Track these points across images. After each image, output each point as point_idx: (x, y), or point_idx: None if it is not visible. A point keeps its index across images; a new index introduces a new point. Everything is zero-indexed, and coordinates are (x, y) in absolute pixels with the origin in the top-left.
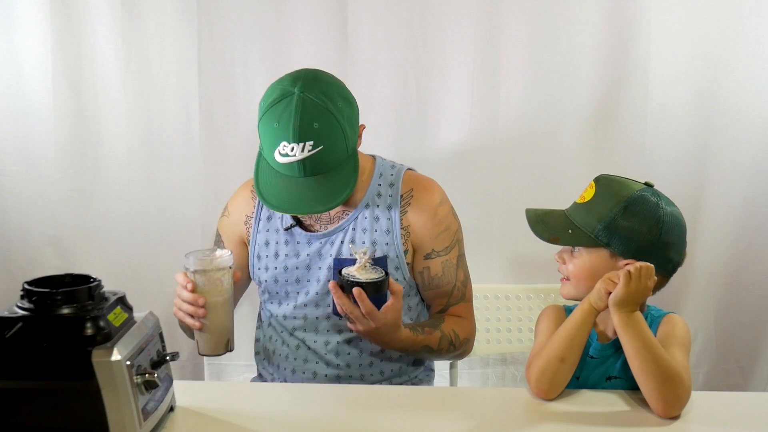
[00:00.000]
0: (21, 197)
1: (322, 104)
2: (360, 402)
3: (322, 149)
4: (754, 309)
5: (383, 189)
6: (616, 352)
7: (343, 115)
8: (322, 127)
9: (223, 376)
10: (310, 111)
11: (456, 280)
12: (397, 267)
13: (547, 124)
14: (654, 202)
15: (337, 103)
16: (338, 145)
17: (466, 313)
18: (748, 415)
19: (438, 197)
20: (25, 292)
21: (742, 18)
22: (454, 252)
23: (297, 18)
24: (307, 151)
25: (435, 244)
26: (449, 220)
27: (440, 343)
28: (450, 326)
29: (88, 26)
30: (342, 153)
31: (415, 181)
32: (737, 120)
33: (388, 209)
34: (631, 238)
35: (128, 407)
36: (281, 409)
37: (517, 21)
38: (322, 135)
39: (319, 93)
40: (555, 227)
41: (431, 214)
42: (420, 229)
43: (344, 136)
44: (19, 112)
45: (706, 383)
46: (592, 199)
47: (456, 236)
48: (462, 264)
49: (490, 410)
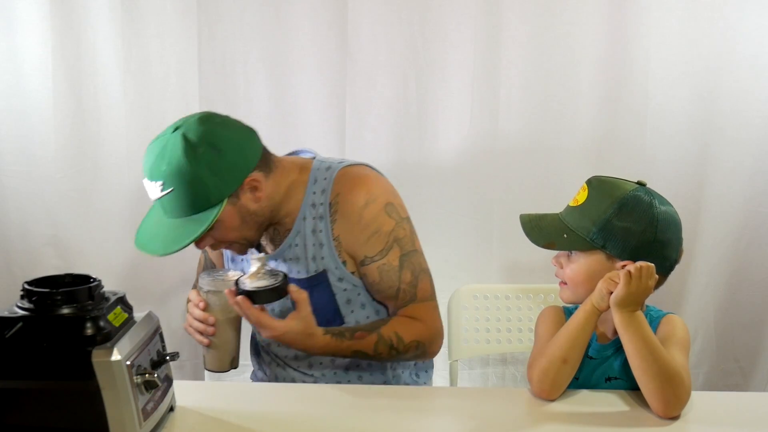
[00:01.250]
0: (21, 197)
1: (180, 148)
2: (360, 402)
3: (173, 192)
4: (754, 309)
5: (317, 197)
6: (616, 353)
7: (200, 162)
8: (172, 170)
9: (223, 376)
10: (167, 153)
11: (400, 282)
12: (340, 278)
13: (547, 124)
14: (647, 201)
15: (198, 149)
16: (192, 191)
17: (420, 314)
18: (748, 415)
19: (363, 198)
20: (25, 292)
21: (742, 18)
22: (393, 254)
23: (297, 18)
24: (159, 191)
25: (366, 250)
26: (379, 221)
27: (377, 347)
28: (392, 329)
29: (88, 26)
30: (201, 200)
31: (343, 183)
32: (737, 120)
33: (321, 219)
34: (626, 239)
35: (128, 407)
36: (281, 409)
37: (517, 21)
38: (171, 178)
39: (186, 137)
40: (550, 232)
41: (355, 219)
42: (347, 237)
43: (200, 184)
44: (20, 112)
45: (706, 383)
46: (585, 202)
47: (392, 236)
48: (408, 264)
49: (490, 410)
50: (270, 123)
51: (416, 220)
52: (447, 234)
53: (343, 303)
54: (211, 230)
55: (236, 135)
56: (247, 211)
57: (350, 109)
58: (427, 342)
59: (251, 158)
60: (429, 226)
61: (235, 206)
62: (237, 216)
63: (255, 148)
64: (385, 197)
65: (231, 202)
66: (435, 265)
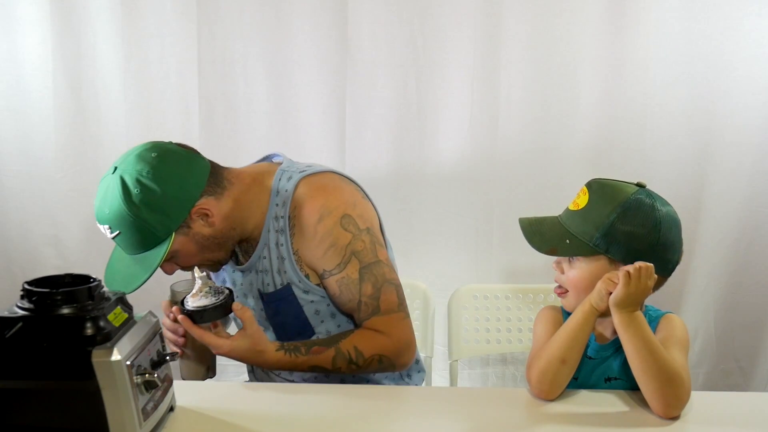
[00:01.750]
0: (21, 197)
1: (118, 192)
2: (360, 402)
3: (120, 234)
4: (754, 309)
5: (279, 210)
6: (615, 353)
7: (138, 204)
8: (113, 215)
9: (223, 377)
10: (108, 197)
11: (360, 295)
12: (305, 291)
13: (547, 124)
14: (649, 204)
15: (133, 191)
16: (137, 231)
17: (384, 327)
18: (748, 415)
19: (317, 212)
20: (25, 292)
21: (742, 18)
22: (351, 267)
23: (297, 18)
24: (110, 233)
25: (324, 264)
26: (334, 234)
27: (335, 362)
28: (352, 342)
29: (88, 26)
30: (148, 237)
31: (301, 195)
32: (737, 120)
33: (281, 233)
34: (630, 244)
35: (128, 407)
36: (281, 409)
37: (517, 21)
38: (114, 222)
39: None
40: (551, 238)
41: (311, 234)
42: (305, 251)
43: (143, 223)
44: (20, 112)
45: (706, 383)
46: (586, 206)
47: (349, 249)
48: (368, 277)
49: (490, 410)
50: (270, 123)
51: (416, 220)
52: (447, 234)
53: (311, 314)
54: (172, 259)
55: (175, 168)
56: (203, 237)
57: (350, 109)
58: (392, 355)
59: (194, 187)
60: (429, 226)
61: (188, 236)
62: (192, 243)
63: (198, 175)
64: (341, 209)
65: (182, 233)
66: (435, 266)
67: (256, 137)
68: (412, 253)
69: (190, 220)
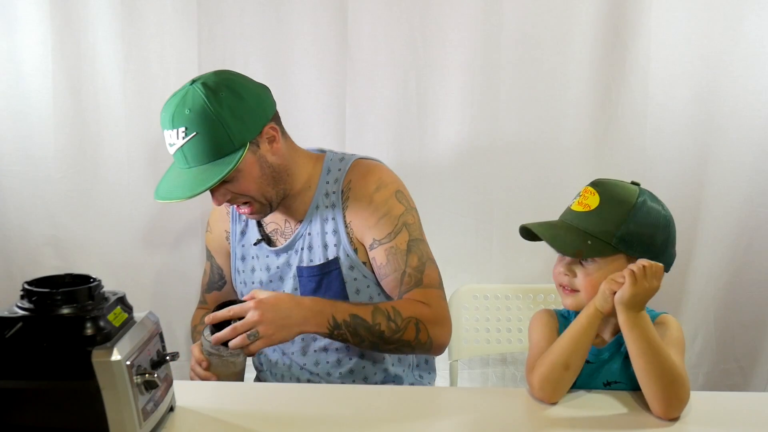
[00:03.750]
0: (21, 197)
1: (201, 93)
2: (360, 402)
3: (197, 136)
4: (754, 309)
5: (330, 186)
6: (613, 356)
7: (222, 105)
8: (195, 113)
9: None
10: (188, 99)
11: (406, 266)
12: (351, 267)
13: (547, 123)
14: (654, 201)
15: (219, 93)
16: (215, 133)
17: (424, 297)
18: (748, 415)
19: (374, 183)
20: (25, 292)
21: (742, 18)
22: (401, 237)
23: (297, 18)
24: (181, 138)
25: (375, 233)
26: (389, 204)
27: (374, 316)
28: (391, 304)
29: (88, 26)
30: (223, 143)
31: (356, 170)
32: (737, 120)
33: (333, 208)
34: (646, 241)
35: (128, 407)
36: (281, 409)
37: (517, 21)
38: (194, 121)
39: (206, 84)
40: (573, 240)
41: (366, 202)
42: (358, 221)
43: (223, 126)
44: (19, 112)
45: (706, 383)
46: (599, 207)
47: (401, 220)
48: (416, 249)
49: (490, 410)
50: None
51: None
52: (447, 234)
53: (352, 293)
54: (231, 181)
55: (253, 84)
56: (266, 163)
57: (350, 109)
58: (429, 323)
59: (268, 108)
60: (429, 226)
61: (255, 155)
62: (257, 166)
63: (271, 101)
64: (396, 185)
65: (252, 150)
66: None
67: None
68: None
69: (260, 139)
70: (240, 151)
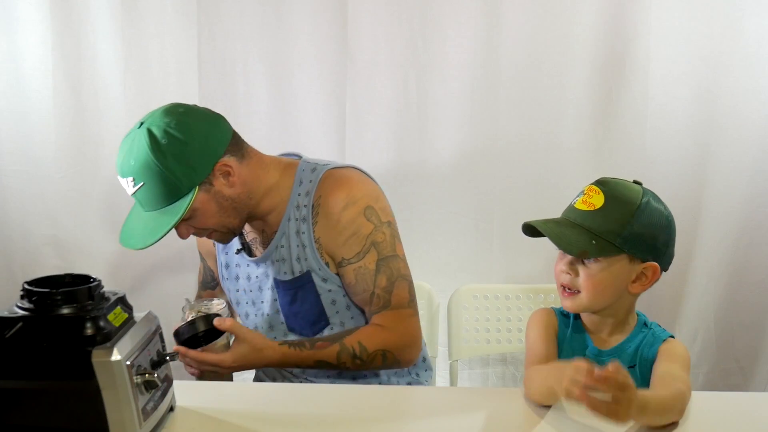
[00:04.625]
0: (21, 197)
1: (145, 142)
2: (360, 402)
3: (144, 185)
4: (754, 309)
5: (301, 199)
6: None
7: (165, 154)
8: (139, 164)
9: None
10: (133, 149)
11: (374, 286)
12: (324, 279)
13: (547, 124)
14: (657, 201)
15: (162, 141)
16: (161, 182)
17: (390, 322)
18: (748, 415)
19: (342, 200)
20: (25, 292)
21: (742, 18)
22: (369, 257)
23: (297, 18)
24: (132, 187)
25: (343, 252)
26: (357, 223)
27: (339, 357)
28: (357, 338)
29: (88, 26)
30: (172, 190)
31: (326, 184)
32: (737, 120)
33: (304, 221)
34: (649, 241)
35: (128, 407)
36: (281, 409)
37: (517, 21)
38: (139, 172)
39: (150, 131)
40: (578, 240)
41: (334, 221)
42: (326, 239)
43: (168, 174)
44: (20, 112)
45: (706, 383)
46: (604, 206)
47: (370, 240)
48: (385, 269)
49: (490, 410)
50: (270, 123)
51: (416, 220)
52: (447, 234)
53: (328, 304)
54: (190, 219)
55: (201, 123)
56: (223, 197)
57: (350, 109)
58: (396, 351)
59: (219, 144)
60: (429, 226)
61: (210, 193)
62: (213, 202)
63: (222, 133)
64: (365, 201)
65: (204, 189)
66: (435, 265)
67: (256, 137)
68: (412, 253)
69: (213, 177)
70: (189, 196)
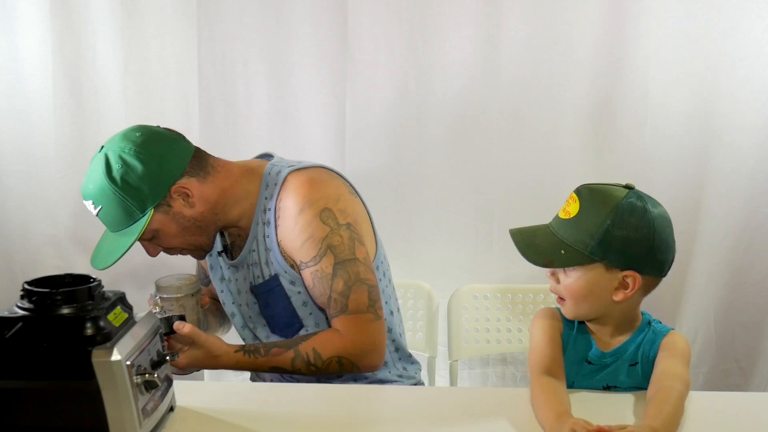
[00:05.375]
0: (21, 197)
1: (101, 167)
2: (360, 402)
3: (102, 208)
4: (754, 309)
5: (267, 203)
6: (615, 363)
7: (117, 180)
8: (95, 189)
9: (223, 376)
10: (92, 173)
11: (331, 291)
12: (292, 281)
13: (547, 124)
14: (641, 206)
15: (115, 167)
16: (116, 206)
17: (347, 327)
18: (748, 415)
19: (299, 203)
20: (25, 292)
21: (742, 18)
22: (326, 260)
23: (297, 18)
24: (93, 209)
25: (301, 256)
26: (313, 226)
27: (294, 364)
28: (312, 345)
29: (88, 26)
30: (128, 212)
31: (286, 188)
32: (737, 120)
33: (268, 225)
34: (626, 249)
35: (128, 407)
36: (281, 409)
37: (517, 21)
38: (96, 196)
39: (107, 156)
40: (546, 249)
41: (291, 224)
42: (285, 242)
43: (122, 198)
44: (19, 112)
45: (706, 383)
46: (578, 214)
47: (325, 243)
48: (342, 273)
49: (490, 410)
50: (270, 123)
51: (416, 220)
52: (447, 234)
53: (299, 306)
54: (153, 239)
55: (156, 148)
56: (184, 218)
57: (350, 109)
58: (353, 357)
59: (175, 167)
60: (429, 226)
61: (168, 214)
62: (173, 223)
63: (180, 156)
64: (322, 203)
65: (162, 211)
66: (435, 265)
67: (256, 137)
68: (412, 253)
69: (170, 199)
70: (144, 218)
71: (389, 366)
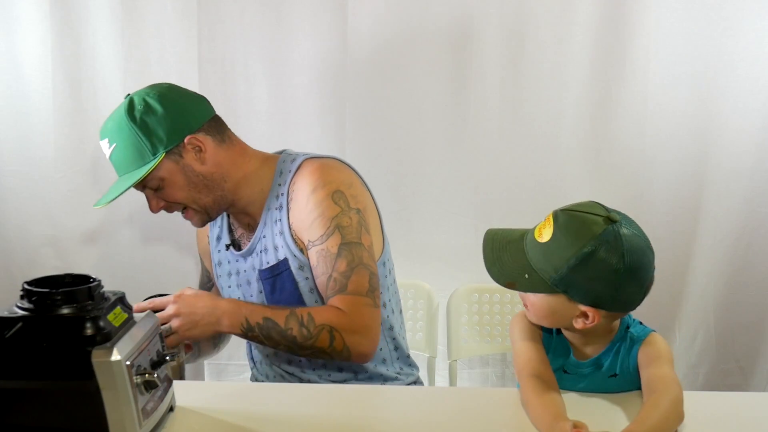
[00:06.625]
0: (21, 197)
1: (123, 106)
2: (360, 402)
3: (116, 146)
4: (754, 309)
5: (280, 189)
6: (594, 372)
7: (136, 117)
8: (114, 125)
9: (223, 376)
10: (114, 112)
11: (333, 270)
12: (300, 266)
13: (547, 124)
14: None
15: (137, 106)
16: (130, 144)
17: (344, 305)
18: (748, 415)
19: (312, 183)
20: (24, 292)
21: (742, 18)
22: (333, 240)
23: (297, 18)
24: (107, 148)
25: (310, 234)
26: (324, 205)
27: (287, 321)
28: (308, 310)
29: (88, 26)
30: (140, 153)
31: (301, 172)
32: (737, 120)
33: (281, 209)
34: (588, 288)
35: (128, 407)
36: (281, 409)
37: (516, 21)
38: (113, 132)
39: (131, 97)
40: (511, 270)
41: (303, 202)
42: (296, 222)
43: (136, 136)
44: (19, 112)
45: (706, 383)
46: (549, 242)
47: (334, 222)
48: (346, 254)
49: (490, 410)
50: (270, 123)
51: (416, 220)
52: (447, 234)
53: (306, 292)
54: (159, 189)
55: (180, 98)
56: (193, 172)
57: (350, 109)
58: (344, 332)
59: (194, 120)
60: (429, 226)
61: (178, 164)
62: (181, 174)
63: (201, 112)
64: (335, 185)
65: (173, 159)
66: (435, 265)
67: (256, 137)
68: (412, 253)
69: (183, 149)
70: (153, 161)
71: (387, 363)
